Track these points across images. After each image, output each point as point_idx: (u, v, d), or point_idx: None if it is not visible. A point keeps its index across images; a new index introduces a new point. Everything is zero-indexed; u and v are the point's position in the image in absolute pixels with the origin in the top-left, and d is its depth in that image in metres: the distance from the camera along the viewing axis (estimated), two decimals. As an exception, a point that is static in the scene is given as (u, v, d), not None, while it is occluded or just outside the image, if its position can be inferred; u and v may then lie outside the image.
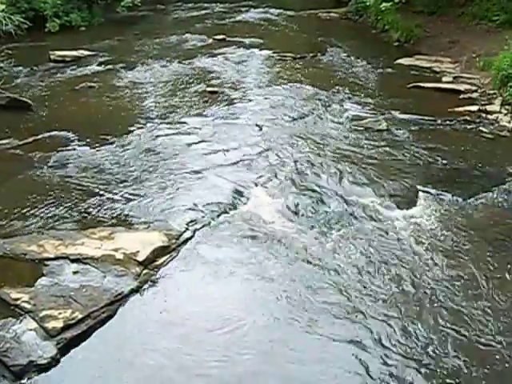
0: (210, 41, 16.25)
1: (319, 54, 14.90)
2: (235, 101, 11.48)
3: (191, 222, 7.08)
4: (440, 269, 6.30)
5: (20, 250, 6.36)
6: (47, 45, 15.15)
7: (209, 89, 12.07)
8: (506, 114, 10.58)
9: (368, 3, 16.04)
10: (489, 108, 10.93)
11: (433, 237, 6.90)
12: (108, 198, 7.63)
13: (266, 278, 6.17)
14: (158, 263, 6.34)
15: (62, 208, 7.36)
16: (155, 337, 5.41)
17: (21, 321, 5.34)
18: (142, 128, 10.05)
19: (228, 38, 16.39)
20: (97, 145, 9.27)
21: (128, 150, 9.15)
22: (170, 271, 6.29)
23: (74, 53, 14.43)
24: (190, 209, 7.39)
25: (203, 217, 7.22)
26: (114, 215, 7.25)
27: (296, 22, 18.85)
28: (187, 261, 6.47)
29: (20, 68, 12.95)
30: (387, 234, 6.97)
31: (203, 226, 7.06)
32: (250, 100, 11.57)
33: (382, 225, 7.16)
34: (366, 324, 5.51)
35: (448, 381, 4.91)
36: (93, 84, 12.31)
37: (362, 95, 11.78)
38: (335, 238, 6.85)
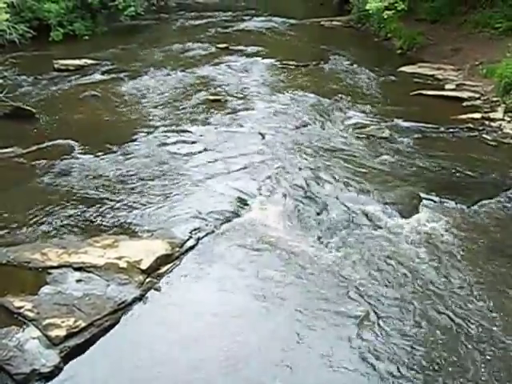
0: (213, 49, 16.29)
1: (322, 62, 14.92)
2: (238, 109, 11.49)
3: (194, 230, 7.08)
4: (444, 275, 6.29)
5: (23, 258, 6.37)
6: (51, 54, 15.22)
7: (212, 97, 12.10)
8: (509, 122, 10.58)
9: (371, 11, 16.01)
10: (492, 115, 10.93)
11: (436, 243, 6.88)
12: (111, 207, 7.64)
13: (269, 288, 6.16)
14: (161, 271, 6.34)
15: (65, 216, 7.37)
16: (158, 345, 5.40)
17: (24, 329, 5.35)
18: (144, 136, 10.07)
19: (231, 47, 16.43)
20: (100, 153, 9.28)
21: (131, 158, 9.16)
22: (173, 279, 6.29)
23: (78, 62, 14.48)
24: (193, 217, 7.39)
25: (206, 225, 7.22)
26: (118, 223, 7.25)
27: (299, 30, 18.89)
28: (190, 269, 6.47)
29: (24, 77, 13.00)
30: (390, 241, 6.95)
31: (206, 235, 7.06)
32: (253, 108, 11.59)
33: (385, 232, 7.14)
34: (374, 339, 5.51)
35: None
36: (96, 93, 12.35)
37: (365, 103, 11.78)
38: (338, 247, 6.85)
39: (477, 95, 12.06)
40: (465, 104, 11.68)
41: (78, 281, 6.04)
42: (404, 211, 7.61)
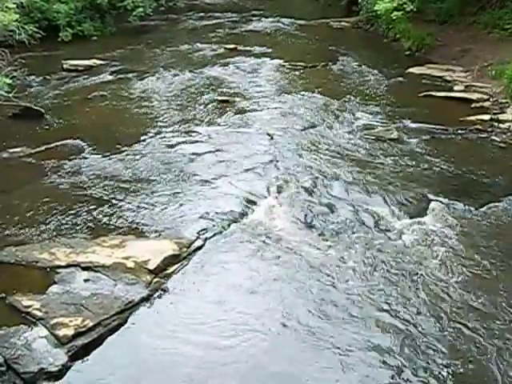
0: (222, 50, 16.30)
1: (330, 63, 14.90)
2: (246, 110, 11.50)
3: (202, 230, 7.09)
4: (451, 278, 6.26)
5: (32, 258, 6.40)
6: (60, 54, 15.27)
7: (220, 98, 12.10)
8: (518, 123, 10.53)
9: (379, 12, 15.95)
10: (501, 117, 10.88)
11: (444, 246, 6.86)
12: (119, 207, 7.66)
13: (277, 288, 6.16)
14: (168, 272, 6.35)
15: (73, 216, 7.40)
16: (165, 345, 5.41)
17: (32, 328, 5.37)
18: (153, 137, 10.09)
19: (239, 48, 16.42)
20: (108, 153, 9.31)
21: (139, 158, 9.18)
22: (180, 280, 6.29)
23: (87, 62, 14.53)
24: (201, 217, 7.40)
25: (214, 225, 7.23)
26: (125, 223, 7.27)
27: (307, 31, 18.87)
28: (198, 269, 6.48)
29: (33, 77, 13.05)
30: (398, 243, 6.94)
31: (214, 235, 7.06)
32: (261, 109, 11.58)
33: (393, 234, 7.13)
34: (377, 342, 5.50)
35: None
36: (105, 93, 12.39)
37: (373, 104, 11.76)
38: (346, 248, 6.83)
39: (486, 97, 12.00)
40: (473, 105, 11.62)
41: (86, 280, 6.06)
42: (412, 213, 7.59)
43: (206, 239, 6.95)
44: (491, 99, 11.85)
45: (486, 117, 10.90)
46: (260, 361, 5.25)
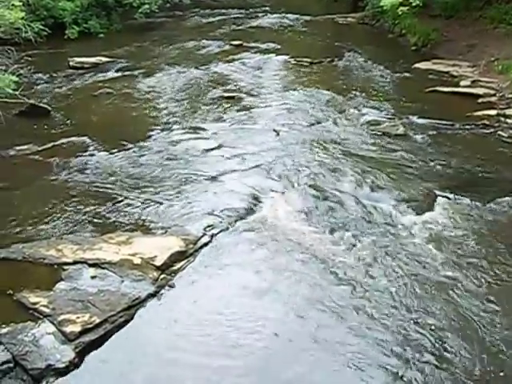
0: (227, 46, 16.30)
1: (336, 59, 14.88)
2: (252, 106, 11.49)
3: (209, 227, 7.09)
4: (458, 275, 6.25)
5: (39, 255, 6.42)
6: (66, 51, 15.31)
7: (226, 94, 12.11)
8: (525, 118, 10.48)
9: (385, 7, 15.91)
10: (508, 112, 10.83)
11: (451, 242, 6.83)
12: (126, 203, 7.67)
13: (284, 287, 6.14)
14: (175, 268, 6.36)
15: (80, 213, 7.42)
16: (172, 342, 5.42)
17: (39, 325, 5.38)
18: (159, 133, 10.11)
19: (245, 44, 16.42)
20: (115, 150, 9.33)
21: (146, 155, 9.20)
22: (187, 276, 6.30)
23: (93, 59, 14.56)
24: (207, 214, 7.40)
25: (221, 222, 7.23)
26: (132, 220, 7.28)
27: (313, 27, 18.85)
28: (204, 266, 6.48)
29: (39, 74, 13.10)
30: (405, 239, 6.92)
31: (221, 231, 7.06)
32: (267, 105, 11.57)
33: (400, 230, 7.11)
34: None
35: None
36: (111, 90, 12.41)
37: (379, 100, 11.73)
38: (353, 245, 6.81)
39: (492, 92, 11.96)
40: (480, 101, 11.57)
41: (93, 277, 6.07)
42: (419, 208, 7.57)
43: (212, 236, 6.95)
44: (498, 94, 11.81)
45: (493, 112, 10.86)
46: (264, 361, 5.24)
